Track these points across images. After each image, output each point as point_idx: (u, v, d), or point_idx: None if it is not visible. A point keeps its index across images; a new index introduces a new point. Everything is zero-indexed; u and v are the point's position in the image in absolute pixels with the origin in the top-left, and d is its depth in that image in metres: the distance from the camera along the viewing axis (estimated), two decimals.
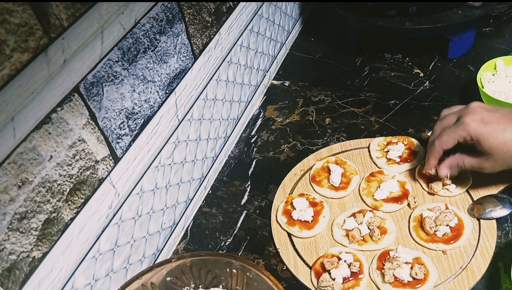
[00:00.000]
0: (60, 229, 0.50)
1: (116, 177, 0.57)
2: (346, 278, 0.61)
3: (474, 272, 0.60)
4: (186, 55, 0.67)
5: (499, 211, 0.64)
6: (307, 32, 1.08)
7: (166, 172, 0.67)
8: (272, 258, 0.68)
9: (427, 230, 0.64)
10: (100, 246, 0.56)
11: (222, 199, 0.78)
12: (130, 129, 0.58)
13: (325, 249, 0.66)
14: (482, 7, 0.84)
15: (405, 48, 0.97)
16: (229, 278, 0.59)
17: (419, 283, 0.59)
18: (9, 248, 0.44)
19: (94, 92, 0.51)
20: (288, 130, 0.86)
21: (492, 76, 0.80)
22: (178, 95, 0.66)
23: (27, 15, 0.41)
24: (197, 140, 0.74)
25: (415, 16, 0.85)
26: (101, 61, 0.51)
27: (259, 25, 0.87)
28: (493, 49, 0.92)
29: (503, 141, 0.57)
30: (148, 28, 0.58)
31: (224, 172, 0.82)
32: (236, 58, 0.81)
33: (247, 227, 0.73)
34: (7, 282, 0.45)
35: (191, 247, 0.73)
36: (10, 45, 0.40)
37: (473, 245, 0.62)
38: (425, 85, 0.88)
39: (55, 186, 0.48)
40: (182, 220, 0.74)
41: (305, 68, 0.99)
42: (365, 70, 0.95)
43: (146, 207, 0.64)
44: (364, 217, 0.67)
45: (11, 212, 0.44)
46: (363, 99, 0.89)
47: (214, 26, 0.72)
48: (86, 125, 0.51)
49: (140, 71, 0.58)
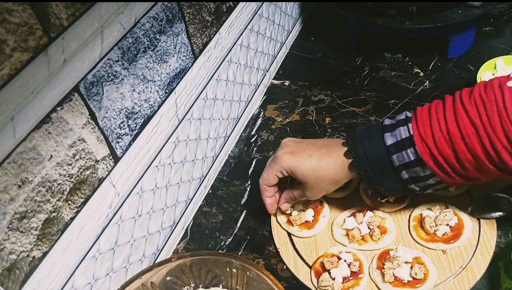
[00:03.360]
0: (60, 229, 0.50)
1: (116, 176, 0.57)
2: (346, 278, 0.61)
3: (474, 272, 0.60)
4: (186, 55, 0.67)
5: (499, 211, 0.64)
6: (307, 32, 1.08)
7: (166, 171, 0.67)
8: (272, 257, 0.68)
9: (427, 229, 0.64)
10: (100, 245, 0.56)
11: (222, 198, 0.78)
12: (130, 128, 0.58)
13: (325, 248, 0.66)
14: (482, 6, 0.84)
15: (405, 48, 0.97)
16: (229, 278, 0.59)
17: (419, 282, 0.59)
18: (9, 248, 0.44)
19: (94, 92, 0.51)
20: (288, 130, 0.86)
21: (492, 75, 0.79)
22: (178, 94, 0.66)
23: (27, 15, 0.41)
24: (197, 139, 0.74)
25: (415, 15, 0.85)
26: (101, 61, 0.51)
27: (259, 24, 0.87)
28: (493, 49, 0.92)
29: (310, 167, 0.60)
30: (148, 27, 0.58)
31: (224, 171, 0.82)
32: (236, 57, 0.81)
33: (247, 226, 0.73)
34: (7, 282, 0.45)
35: (191, 247, 0.73)
36: (10, 44, 0.40)
37: (473, 244, 0.62)
38: (425, 84, 0.88)
39: (55, 185, 0.48)
40: (182, 220, 0.74)
41: (305, 68, 0.99)
42: (365, 69, 0.95)
43: (146, 207, 0.64)
44: (364, 216, 0.67)
45: (11, 212, 0.44)
46: (363, 98, 0.89)
47: (214, 26, 0.72)
48: (86, 125, 0.51)
49: (140, 71, 0.58)
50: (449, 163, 0.53)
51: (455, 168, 0.53)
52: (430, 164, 0.53)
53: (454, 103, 0.52)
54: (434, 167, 0.53)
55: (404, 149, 0.54)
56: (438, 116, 0.53)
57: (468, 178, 0.54)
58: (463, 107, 0.51)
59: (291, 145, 0.64)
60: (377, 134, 0.56)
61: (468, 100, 0.51)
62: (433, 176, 0.55)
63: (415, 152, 0.53)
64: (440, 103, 0.54)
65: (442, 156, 0.52)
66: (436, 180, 0.55)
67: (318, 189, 0.62)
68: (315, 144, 0.62)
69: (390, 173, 0.56)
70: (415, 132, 0.53)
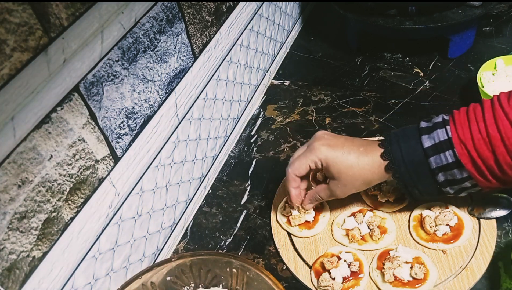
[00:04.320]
0: (60, 229, 0.50)
1: (116, 176, 0.57)
2: (346, 278, 0.61)
3: (474, 272, 0.60)
4: (186, 55, 0.67)
5: (499, 211, 0.64)
6: (307, 32, 1.08)
7: (166, 171, 0.67)
8: (272, 257, 0.68)
9: (427, 229, 0.64)
10: (100, 245, 0.56)
11: (222, 198, 0.78)
12: (130, 128, 0.58)
13: (325, 248, 0.66)
14: (482, 6, 0.84)
15: (405, 48, 0.97)
16: (229, 278, 0.59)
17: (419, 282, 0.59)
18: (9, 248, 0.44)
19: (94, 92, 0.51)
20: (288, 130, 0.86)
21: (492, 75, 0.80)
22: (178, 94, 0.66)
23: (27, 15, 0.41)
24: (197, 139, 0.74)
25: (415, 15, 0.85)
26: (101, 61, 0.51)
27: (259, 24, 0.87)
28: (493, 49, 0.92)
29: (348, 164, 0.59)
30: (148, 27, 0.58)
31: (224, 171, 0.82)
32: (236, 57, 0.81)
33: (247, 226, 0.73)
34: (7, 282, 0.45)
35: (191, 247, 0.73)
36: (10, 44, 0.40)
37: (473, 244, 0.62)
38: (425, 84, 0.88)
39: (55, 185, 0.48)
40: (182, 220, 0.74)
41: (305, 68, 0.99)
42: (365, 69, 0.95)
43: (146, 207, 0.64)
44: (364, 216, 0.67)
45: (11, 212, 0.44)
46: (363, 98, 0.89)
47: (214, 26, 0.72)
48: (86, 125, 0.51)
49: (140, 71, 0.58)
50: (488, 165, 0.53)
51: (493, 171, 0.53)
52: (468, 167, 0.54)
53: (493, 105, 0.53)
54: (472, 170, 0.54)
55: (442, 152, 0.54)
56: (477, 118, 0.53)
57: (505, 182, 0.54)
58: (502, 110, 0.52)
59: (328, 138, 0.62)
60: (414, 136, 0.57)
61: (507, 102, 0.52)
62: (469, 179, 0.55)
63: (453, 154, 0.54)
64: (478, 106, 0.55)
65: (481, 158, 0.53)
66: (472, 183, 0.56)
67: (350, 188, 0.61)
68: (352, 142, 0.61)
69: (426, 176, 0.56)
70: (453, 135, 0.54)
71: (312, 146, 0.61)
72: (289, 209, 0.70)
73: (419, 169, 0.56)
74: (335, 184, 0.61)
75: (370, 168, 0.59)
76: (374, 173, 0.59)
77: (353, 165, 0.59)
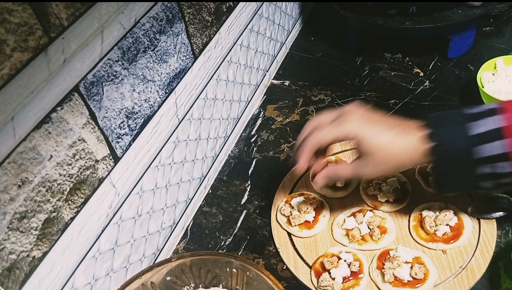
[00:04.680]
0: (60, 229, 0.50)
1: (116, 176, 0.57)
2: (346, 278, 0.61)
3: (474, 272, 0.60)
4: (186, 55, 0.67)
5: (499, 211, 0.64)
6: (307, 32, 1.08)
7: (166, 171, 0.67)
8: (272, 257, 0.68)
9: (427, 229, 0.64)
10: (100, 245, 0.56)
11: (222, 198, 0.78)
12: (130, 128, 0.58)
13: (325, 248, 0.66)
14: (482, 6, 0.84)
15: (405, 48, 0.97)
16: (229, 278, 0.59)
17: (419, 282, 0.59)
18: (9, 248, 0.44)
19: (94, 92, 0.51)
20: (288, 130, 0.86)
21: (492, 75, 0.80)
22: (178, 94, 0.66)
23: (27, 15, 0.41)
24: (197, 139, 0.74)
25: (415, 15, 0.85)
26: (101, 61, 0.51)
27: (259, 24, 0.87)
28: (493, 49, 0.92)
29: (383, 143, 0.55)
30: (148, 27, 0.58)
31: (224, 171, 0.82)
32: (236, 57, 0.81)
33: (247, 226, 0.73)
34: (7, 282, 0.45)
35: (191, 247, 0.73)
36: (10, 44, 0.40)
37: (473, 244, 0.62)
38: (425, 84, 0.88)
39: (55, 185, 0.48)
40: (182, 220, 0.74)
41: (305, 68, 0.99)
42: (365, 69, 0.95)
43: (146, 207, 0.64)
44: (364, 216, 0.67)
45: (11, 212, 0.44)
46: (363, 98, 0.89)
47: (214, 26, 0.72)
48: (86, 125, 0.51)
49: (140, 71, 0.58)
50: None
51: None
52: None
53: None
54: None
55: (490, 141, 0.50)
56: None
57: None
58: None
59: (362, 113, 0.57)
60: (458, 122, 0.52)
61: None
62: None
63: (503, 146, 0.50)
64: None
65: None
66: None
67: (380, 169, 0.57)
68: (388, 120, 0.57)
69: (465, 165, 0.53)
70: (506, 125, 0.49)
71: (345, 116, 0.57)
72: (289, 209, 0.70)
73: (461, 157, 0.52)
74: (365, 162, 0.56)
75: (406, 151, 0.54)
76: (410, 156, 0.54)
77: (387, 145, 0.55)
